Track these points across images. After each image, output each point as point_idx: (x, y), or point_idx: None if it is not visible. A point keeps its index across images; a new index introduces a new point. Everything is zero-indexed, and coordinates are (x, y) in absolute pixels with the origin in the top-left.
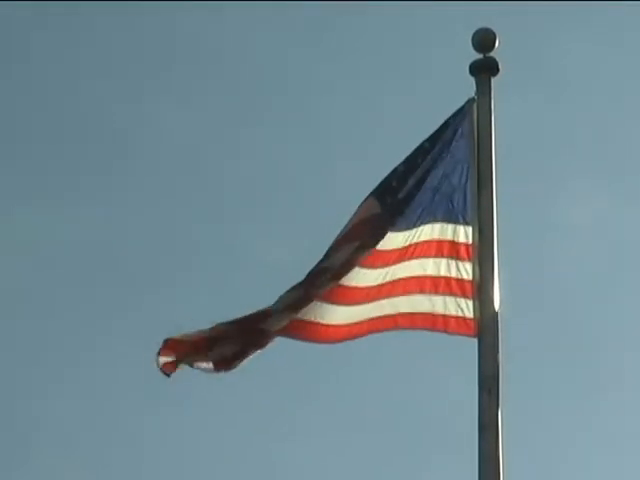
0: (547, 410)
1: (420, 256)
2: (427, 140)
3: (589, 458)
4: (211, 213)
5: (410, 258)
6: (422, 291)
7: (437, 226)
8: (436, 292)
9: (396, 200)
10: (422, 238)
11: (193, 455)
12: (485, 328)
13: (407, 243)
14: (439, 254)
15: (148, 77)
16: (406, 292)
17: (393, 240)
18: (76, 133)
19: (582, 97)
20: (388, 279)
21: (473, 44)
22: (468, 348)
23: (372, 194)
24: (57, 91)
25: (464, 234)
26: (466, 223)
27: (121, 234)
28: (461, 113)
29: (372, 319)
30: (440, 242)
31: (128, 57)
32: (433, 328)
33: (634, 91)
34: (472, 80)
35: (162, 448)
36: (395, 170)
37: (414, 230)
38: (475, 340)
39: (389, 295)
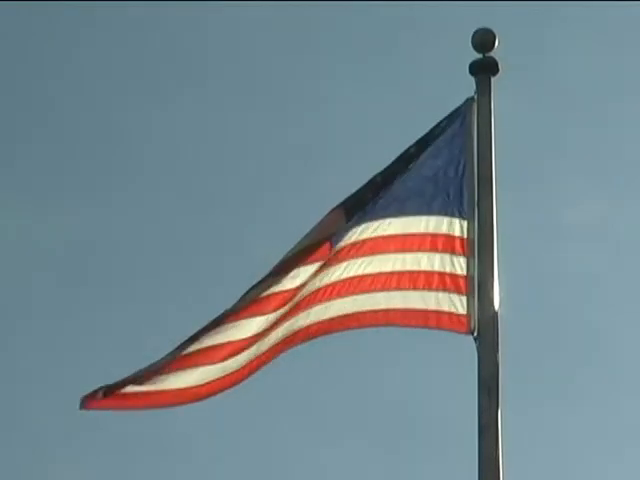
0: (547, 410)
1: (413, 250)
2: (413, 145)
3: (589, 458)
4: (210, 213)
5: (403, 250)
6: (415, 287)
7: (432, 219)
8: (429, 288)
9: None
10: (415, 230)
11: (193, 456)
12: (485, 328)
13: (403, 232)
14: (434, 249)
15: (146, 77)
16: (399, 287)
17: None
18: (75, 133)
19: (582, 97)
20: (375, 270)
21: (473, 44)
22: (468, 348)
23: (340, 206)
24: (56, 92)
25: (459, 228)
26: (461, 217)
27: (119, 234)
28: (458, 113)
29: (362, 312)
30: (435, 236)
31: (127, 58)
32: (425, 325)
33: (634, 91)
34: (472, 80)
35: (160, 446)
36: (371, 181)
37: (405, 218)
38: (468, 337)
39: (383, 288)
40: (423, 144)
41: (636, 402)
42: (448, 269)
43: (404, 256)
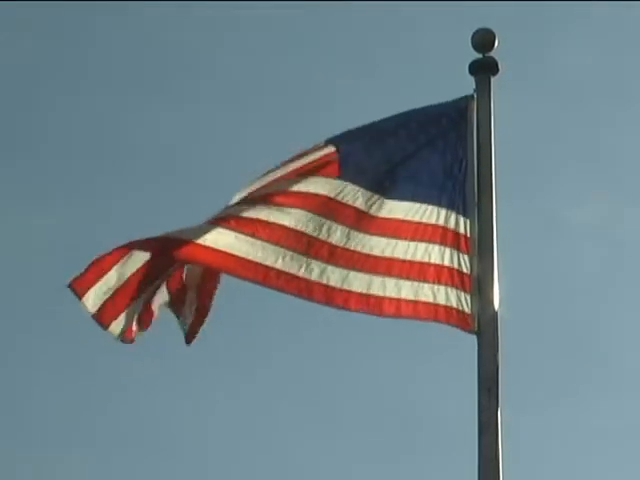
0: (547, 410)
1: (425, 240)
2: (415, 112)
3: (589, 458)
4: (211, 213)
5: (414, 238)
6: (425, 279)
7: (442, 212)
8: (439, 282)
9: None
10: (427, 219)
11: (193, 455)
12: (484, 327)
13: (414, 218)
14: (444, 242)
15: (143, 78)
16: (409, 277)
17: (391, 208)
18: (75, 133)
19: (582, 97)
20: (387, 254)
21: (473, 44)
22: (468, 347)
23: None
24: (55, 93)
25: (463, 225)
26: (464, 215)
27: (119, 233)
28: (460, 110)
29: (370, 295)
30: (445, 229)
31: (124, 59)
32: (435, 319)
33: (634, 91)
34: (472, 80)
35: (160, 446)
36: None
37: (418, 205)
38: (472, 335)
39: (390, 274)
40: (423, 119)
41: (636, 401)
42: (455, 265)
43: (416, 245)
